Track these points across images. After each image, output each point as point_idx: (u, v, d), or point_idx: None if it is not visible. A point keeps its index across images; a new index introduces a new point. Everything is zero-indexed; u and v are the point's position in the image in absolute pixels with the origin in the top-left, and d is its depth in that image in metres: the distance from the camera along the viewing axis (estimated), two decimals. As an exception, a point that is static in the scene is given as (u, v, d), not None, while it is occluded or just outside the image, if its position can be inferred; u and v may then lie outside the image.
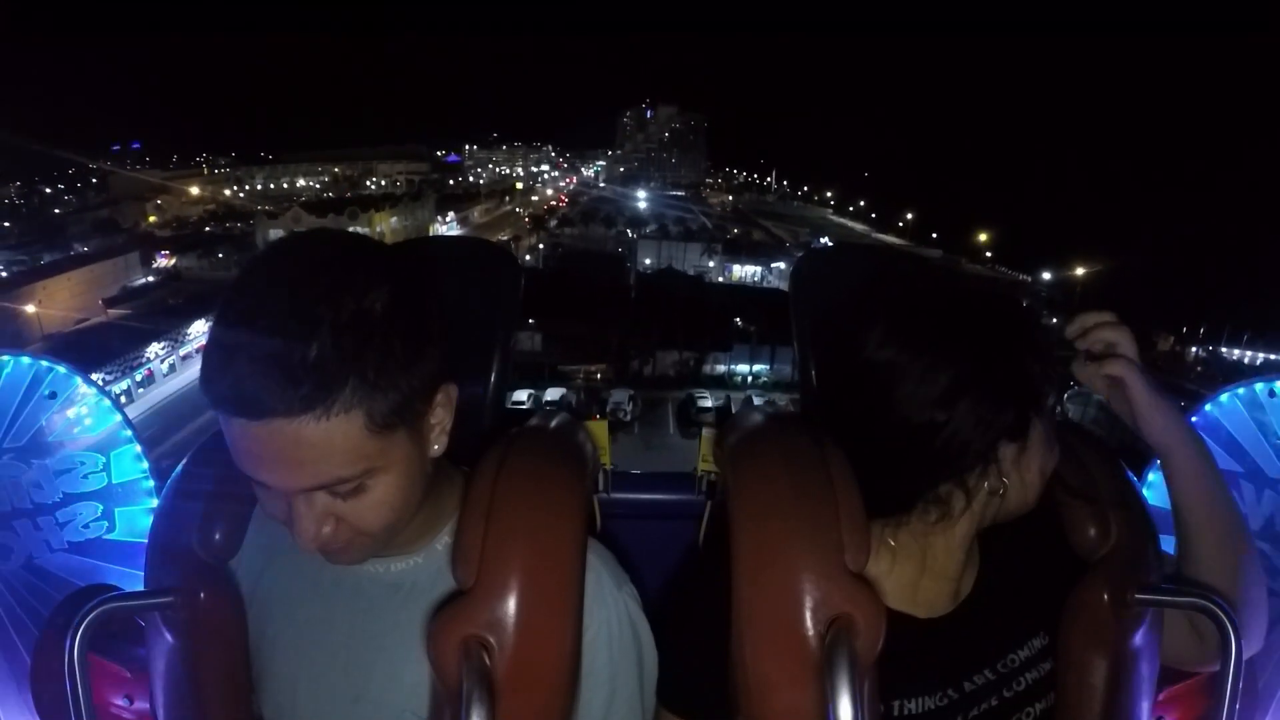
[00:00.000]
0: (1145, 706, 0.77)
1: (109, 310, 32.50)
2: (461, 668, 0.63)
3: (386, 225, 55.54)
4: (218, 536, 0.76)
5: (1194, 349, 31.35)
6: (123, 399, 25.90)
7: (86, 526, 1.39)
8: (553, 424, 0.84)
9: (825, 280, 1.05)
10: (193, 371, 28.96)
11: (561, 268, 44.40)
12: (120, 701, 0.96)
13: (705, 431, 1.14)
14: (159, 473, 1.41)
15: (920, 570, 0.77)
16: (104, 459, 1.39)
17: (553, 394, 28.41)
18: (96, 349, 26.25)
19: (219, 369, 0.56)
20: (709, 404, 28.80)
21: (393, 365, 0.59)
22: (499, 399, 0.96)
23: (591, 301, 33.58)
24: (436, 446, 0.69)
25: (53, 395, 1.36)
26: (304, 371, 0.55)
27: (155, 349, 28.94)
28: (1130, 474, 0.84)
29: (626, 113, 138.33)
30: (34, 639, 1.26)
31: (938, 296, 0.75)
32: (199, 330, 31.72)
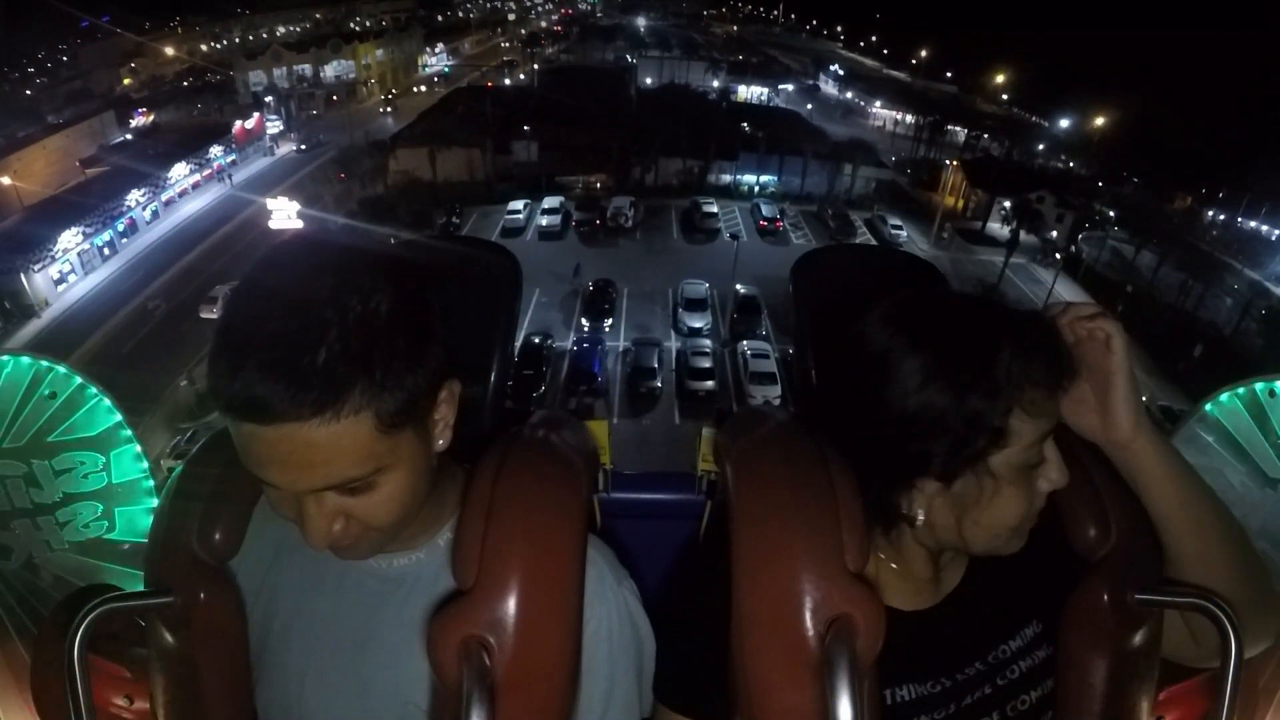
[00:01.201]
0: (1145, 706, 0.77)
1: (87, 170, 30.51)
2: (461, 668, 0.63)
3: (372, 56, 52.62)
4: (218, 536, 0.76)
5: (1211, 212, 30.05)
6: (105, 250, 25.44)
7: (86, 526, 1.39)
8: (553, 423, 0.84)
9: (825, 280, 1.05)
10: (176, 215, 28.61)
11: (558, 80, 41.48)
12: (120, 701, 0.96)
13: (705, 431, 1.14)
14: (159, 473, 1.41)
15: (894, 566, 0.78)
16: (104, 459, 1.39)
17: (549, 202, 27.74)
18: (77, 208, 25.13)
19: (227, 375, 0.56)
20: (714, 209, 28.21)
21: (399, 365, 0.60)
22: (499, 399, 0.96)
23: (590, 111, 31.93)
24: (441, 441, 0.70)
25: (53, 395, 1.36)
26: (313, 375, 0.55)
27: (135, 196, 27.71)
28: None
29: None
30: (34, 639, 1.26)
31: (929, 310, 0.74)
32: (180, 173, 30.56)
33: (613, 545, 0.84)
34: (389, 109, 45.39)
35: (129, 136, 37.46)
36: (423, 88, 51.40)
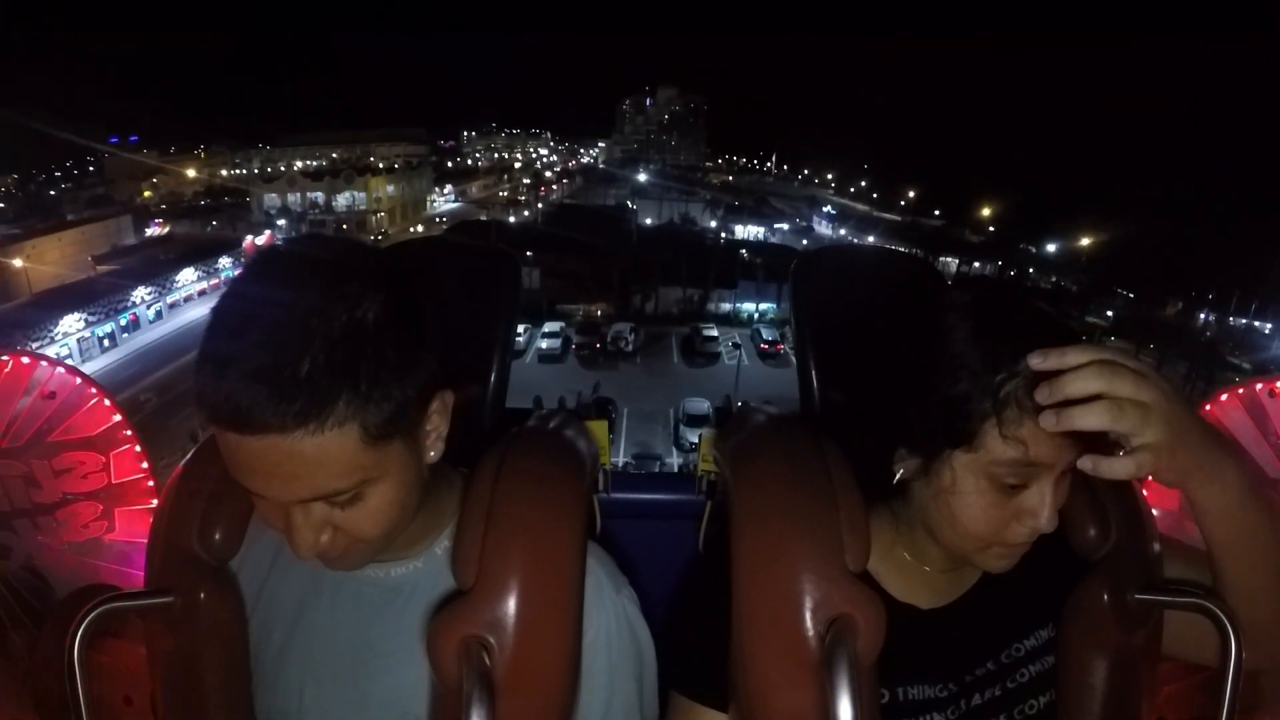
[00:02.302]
0: (1145, 706, 0.77)
1: (98, 267, 31.16)
2: (461, 668, 0.63)
3: (384, 190, 54.02)
4: (218, 536, 0.76)
5: (1202, 314, 30.51)
6: (105, 343, 25.68)
7: (86, 526, 1.39)
8: (552, 424, 0.84)
9: (825, 280, 1.05)
10: (180, 319, 28.87)
11: (560, 217, 42.71)
12: (120, 701, 0.96)
13: (705, 431, 1.14)
14: (159, 473, 1.41)
15: (913, 560, 0.78)
16: (104, 459, 1.39)
17: (549, 327, 27.71)
18: (84, 298, 25.62)
19: (211, 384, 0.55)
20: (715, 333, 28.30)
21: (386, 376, 0.58)
22: (499, 399, 0.96)
23: (592, 243, 32.43)
24: (433, 453, 0.69)
25: (53, 395, 1.36)
26: (296, 386, 0.54)
27: (141, 294, 28.14)
28: None
29: (626, 100, 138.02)
30: (34, 639, 1.26)
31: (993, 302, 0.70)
32: (188, 278, 31.14)
33: (613, 545, 0.84)
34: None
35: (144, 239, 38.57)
36: (420, 228, 52.29)
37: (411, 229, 51.22)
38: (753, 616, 0.67)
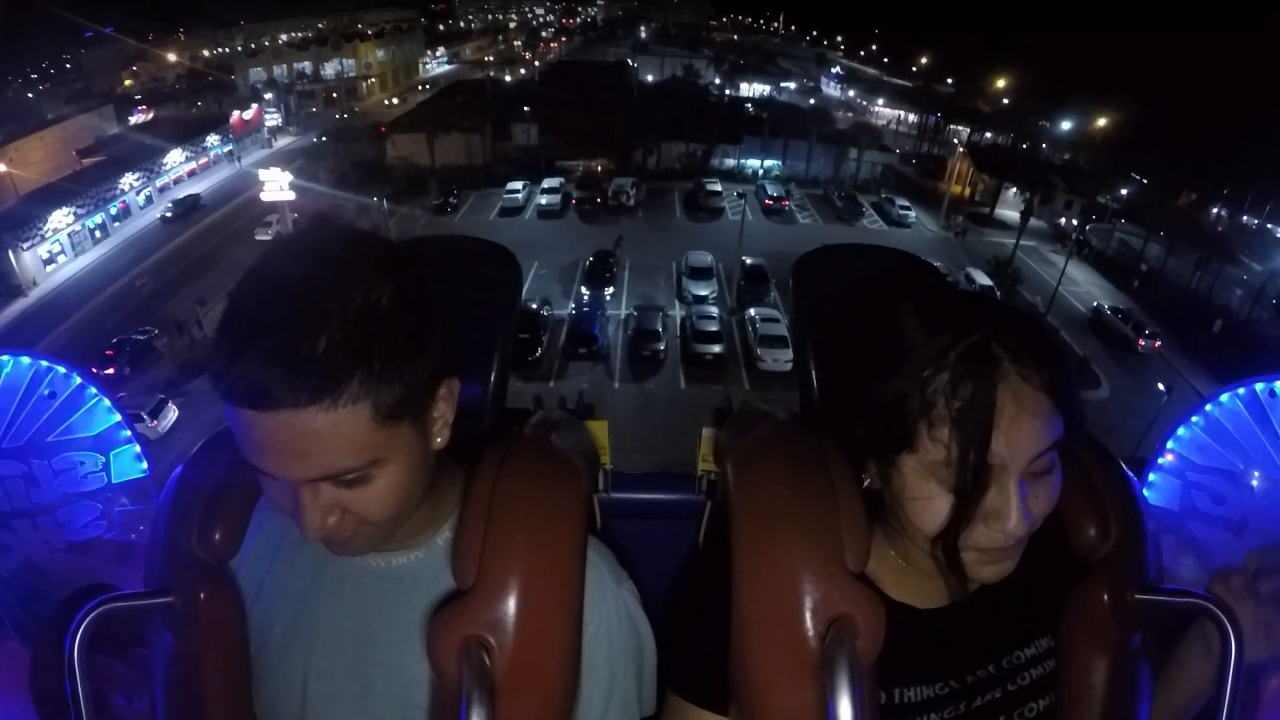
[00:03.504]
0: (1145, 706, 0.77)
1: (83, 160, 30.50)
2: (462, 668, 0.63)
3: (373, 55, 52.84)
4: (218, 536, 0.76)
5: (1215, 209, 29.93)
6: (97, 234, 25.51)
7: (86, 526, 1.39)
8: (553, 424, 0.84)
9: (825, 280, 1.05)
10: (169, 202, 28.56)
11: (558, 73, 41.87)
12: (120, 701, 0.96)
13: (705, 431, 1.14)
14: (158, 473, 1.41)
15: (903, 562, 0.77)
16: (104, 459, 1.39)
17: (549, 183, 27.60)
18: (72, 194, 25.29)
19: (228, 361, 0.56)
20: (718, 188, 28.03)
21: (398, 358, 0.60)
22: (499, 399, 0.96)
23: (591, 96, 31.82)
24: (439, 439, 0.70)
25: (52, 395, 1.36)
26: (312, 363, 0.56)
27: (129, 180, 27.89)
28: (1130, 475, 0.83)
29: None
30: (34, 639, 1.26)
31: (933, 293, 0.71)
32: (175, 160, 30.75)
33: (613, 545, 0.84)
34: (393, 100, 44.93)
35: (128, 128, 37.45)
36: (414, 93, 50.99)
37: (404, 94, 50.08)
38: (753, 616, 0.67)
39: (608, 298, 19.81)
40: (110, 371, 16.34)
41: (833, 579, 0.65)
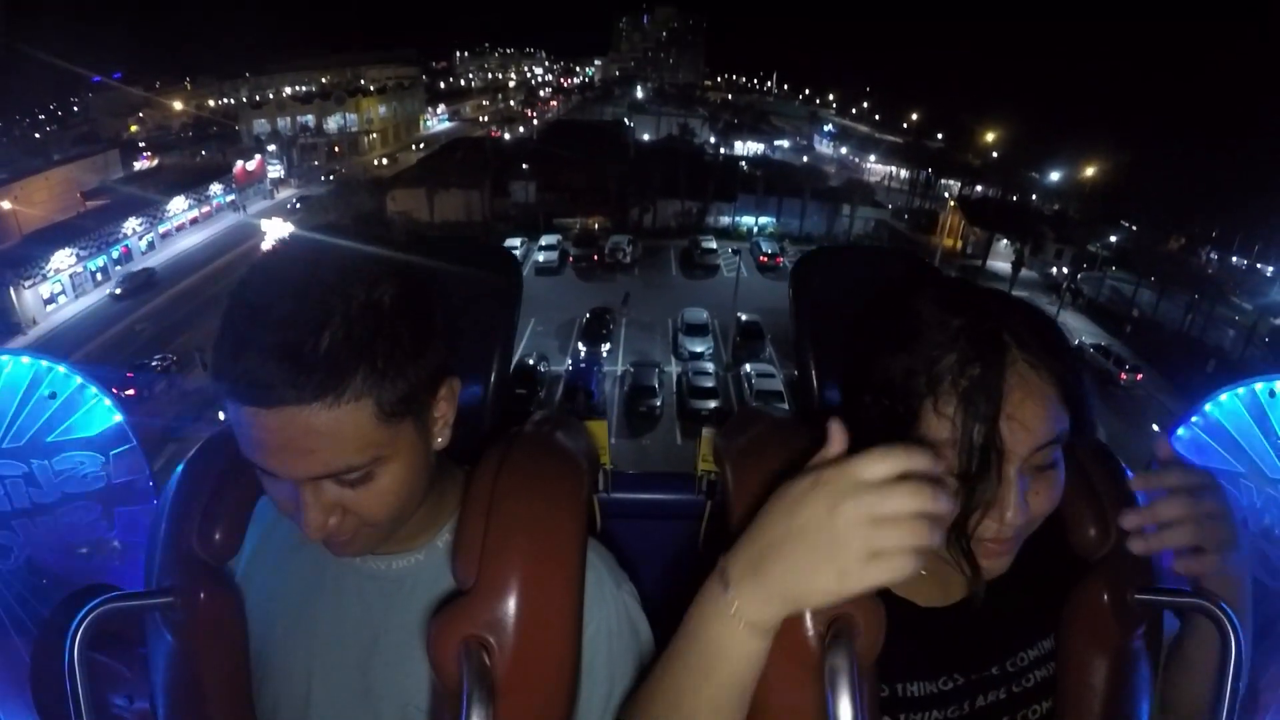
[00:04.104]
0: (1145, 706, 0.77)
1: (88, 202, 30.86)
2: (462, 668, 0.63)
3: (375, 111, 53.68)
4: (218, 536, 0.76)
5: (1205, 252, 30.37)
6: (97, 276, 25.70)
7: (86, 526, 1.39)
8: (553, 424, 0.84)
9: (825, 280, 1.05)
10: (173, 248, 29.10)
11: (556, 133, 42.64)
12: (120, 701, 0.96)
13: (705, 431, 1.14)
14: (158, 473, 1.41)
15: None
16: (104, 459, 1.39)
17: (546, 239, 27.82)
18: (74, 234, 25.66)
19: (231, 358, 0.57)
20: (714, 245, 28.35)
21: (401, 355, 0.60)
22: (499, 399, 0.96)
23: (589, 154, 32.50)
24: (440, 439, 0.70)
25: (53, 395, 1.36)
26: (316, 360, 0.56)
27: (133, 225, 28.22)
28: (1130, 475, 0.83)
29: (623, 18, 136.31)
30: (34, 639, 1.26)
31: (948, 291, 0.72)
32: (179, 207, 31.13)
33: (612, 545, 0.84)
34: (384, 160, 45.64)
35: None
36: (414, 149, 51.70)
37: (405, 150, 50.92)
38: None
39: (604, 354, 19.92)
40: (131, 392, 17.17)
41: None
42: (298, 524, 0.63)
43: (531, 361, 18.06)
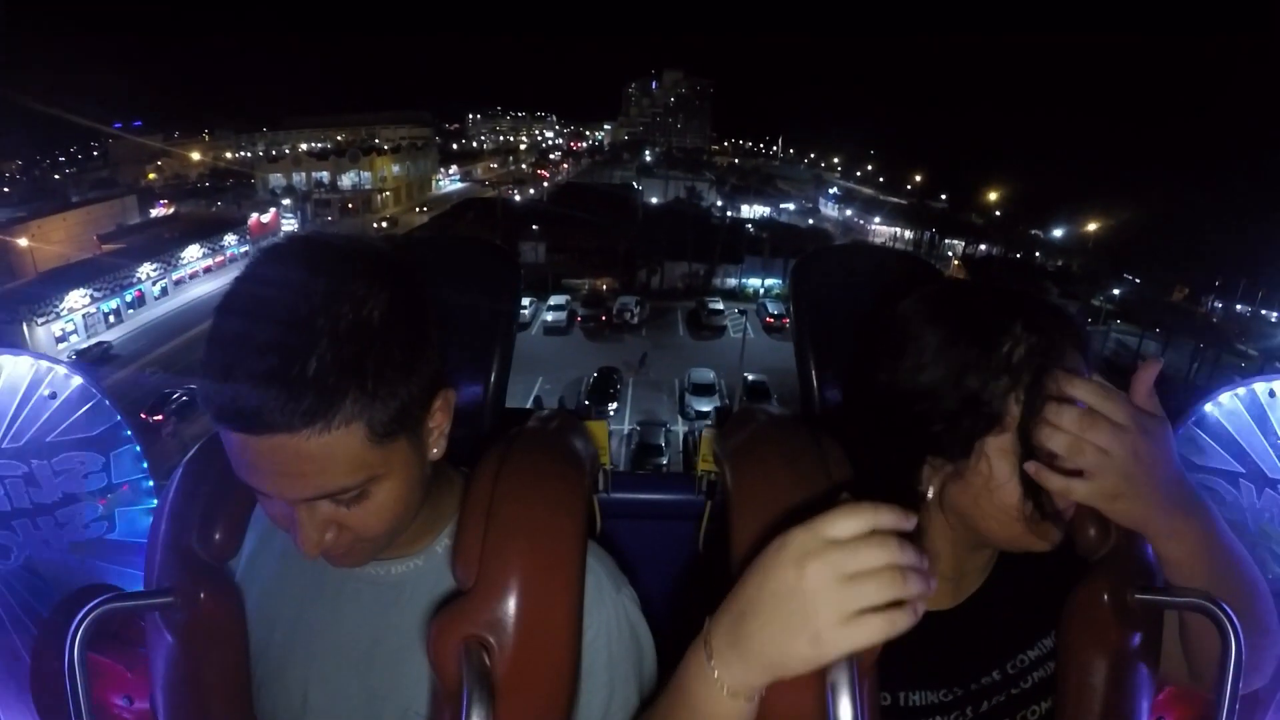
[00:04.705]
0: (1145, 706, 0.77)
1: (104, 246, 31.22)
2: (462, 668, 0.63)
3: (389, 170, 54.43)
4: (218, 536, 0.76)
5: (1208, 300, 30.53)
6: (111, 319, 25.91)
7: (86, 526, 1.39)
8: (553, 424, 0.84)
9: (826, 280, 1.05)
10: (185, 295, 29.29)
11: (566, 195, 43.45)
12: (120, 701, 0.96)
13: (705, 431, 1.14)
14: (159, 473, 1.41)
15: None
16: (104, 459, 1.39)
17: (555, 300, 28.08)
18: (89, 275, 25.91)
19: (217, 383, 0.55)
20: (720, 307, 28.54)
21: (391, 374, 0.59)
22: (499, 399, 0.96)
23: (598, 216, 33.00)
24: (435, 450, 0.69)
25: (53, 395, 1.36)
26: (304, 385, 0.54)
27: (147, 270, 28.48)
28: None
29: (631, 83, 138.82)
30: (34, 639, 1.26)
31: (973, 292, 0.75)
32: (193, 255, 31.53)
33: (612, 545, 0.84)
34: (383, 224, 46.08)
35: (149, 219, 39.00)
36: (426, 208, 52.01)
37: (417, 209, 51.49)
38: None
39: (611, 413, 19.84)
40: (159, 418, 18.00)
41: None
42: (294, 541, 0.63)
43: None
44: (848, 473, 0.71)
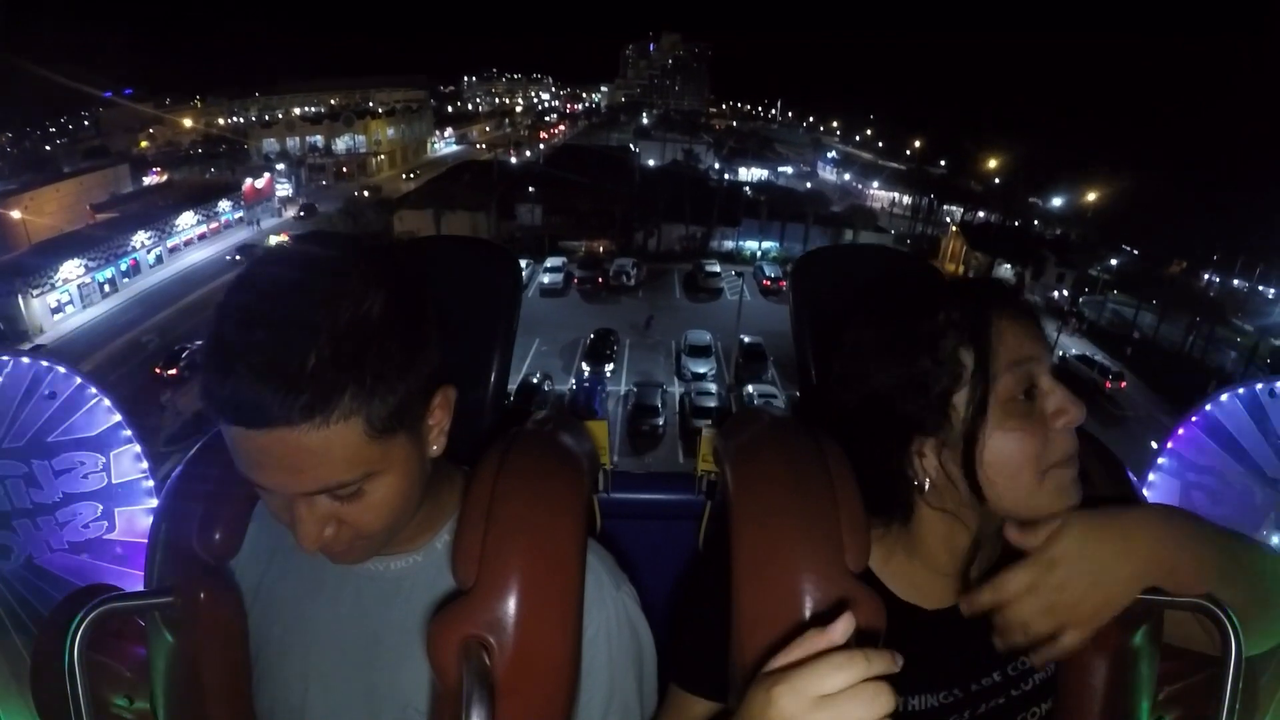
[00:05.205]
0: (1145, 706, 0.77)
1: (97, 215, 31.12)
2: (461, 668, 0.63)
3: (383, 133, 53.97)
4: (218, 536, 0.76)
5: (1206, 275, 30.06)
6: (106, 288, 25.83)
7: (86, 526, 1.39)
8: (552, 424, 0.84)
9: (825, 280, 1.05)
10: (180, 263, 29.15)
11: (562, 157, 43.23)
12: (120, 701, 0.96)
13: (705, 431, 1.14)
14: (159, 473, 1.41)
15: (912, 560, 0.78)
16: (104, 459, 1.39)
17: (552, 262, 27.94)
18: (83, 245, 25.77)
19: (218, 378, 0.56)
20: (717, 269, 28.55)
21: (391, 370, 0.59)
22: (499, 399, 0.96)
23: (595, 179, 32.71)
24: (435, 447, 0.69)
25: (53, 395, 1.36)
26: (303, 380, 0.55)
27: (141, 238, 28.30)
28: (1130, 474, 0.83)
29: (629, 45, 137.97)
30: (34, 639, 1.26)
31: (913, 282, 0.77)
32: (187, 222, 31.29)
33: (612, 545, 0.84)
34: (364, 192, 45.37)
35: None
36: (420, 171, 51.44)
37: (412, 172, 51.11)
38: (752, 616, 0.67)
39: (608, 374, 19.97)
40: (173, 373, 18.88)
41: (832, 579, 0.65)
42: (294, 536, 0.63)
43: (535, 380, 18.14)
44: (848, 472, 0.71)
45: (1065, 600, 0.67)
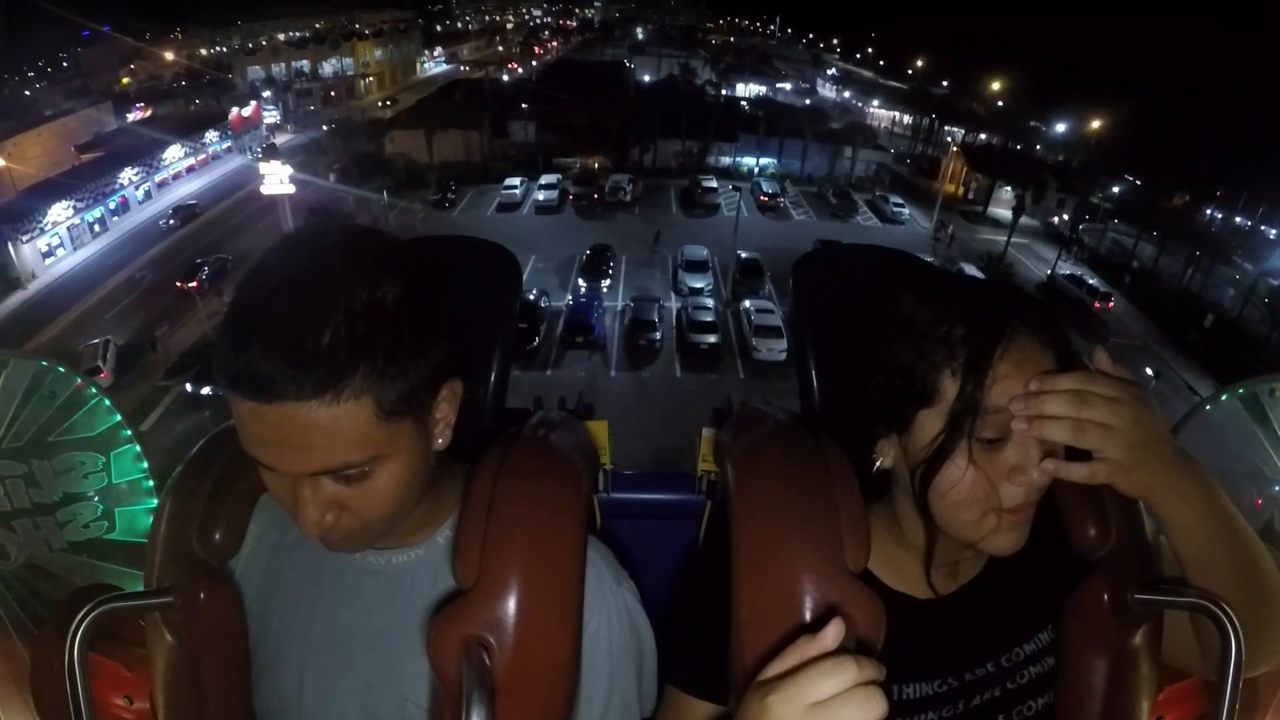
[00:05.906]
0: (1145, 706, 0.77)
1: (82, 156, 30.33)
2: (461, 668, 0.63)
3: (371, 55, 53.28)
4: (218, 536, 0.76)
5: (1208, 210, 29.59)
6: (96, 228, 25.54)
7: (86, 526, 1.39)
8: (553, 423, 0.84)
9: (826, 279, 1.05)
10: (170, 196, 28.84)
11: (555, 73, 42.55)
12: (120, 701, 0.96)
13: (705, 431, 1.14)
14: (159, 473, 1.41)
15: (897, 546, 0.78)
16: (104, 459, 1.39)
17: (546, 179, 27.81)
18: (70, 187, 25.39)
19: (232, 352, 0.57)
20: (714, 184, 28.37)
21: (402, 354, 0.60)
22: (499, 399, 0.96)
23: (589, 94, 32.22)
24: (440, 440, 0.70)
25: (52, 395, 1.36)
26: (316, 356, 0.56)
27: (129, 175, 28.05)
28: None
29: None
30: (34, 639, 1.26)
31: (915, 276, 0.75)
32: (174, 156, 30.94)
33: (613, 545, 0.84)
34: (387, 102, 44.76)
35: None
36: (410, 92, 50.80)
37: (401, 93, 50.46)
38: (752, 616, 0.67)
39: (604, 290, 20.01)
40: (194, 285, 19.68)
41: (832, 579, 0.65)
42: (295, 519, 0.64)
43: (532, 297, 18.04)
44: (848, 472, 0.71)
45: (1103, 417, 0.63)
